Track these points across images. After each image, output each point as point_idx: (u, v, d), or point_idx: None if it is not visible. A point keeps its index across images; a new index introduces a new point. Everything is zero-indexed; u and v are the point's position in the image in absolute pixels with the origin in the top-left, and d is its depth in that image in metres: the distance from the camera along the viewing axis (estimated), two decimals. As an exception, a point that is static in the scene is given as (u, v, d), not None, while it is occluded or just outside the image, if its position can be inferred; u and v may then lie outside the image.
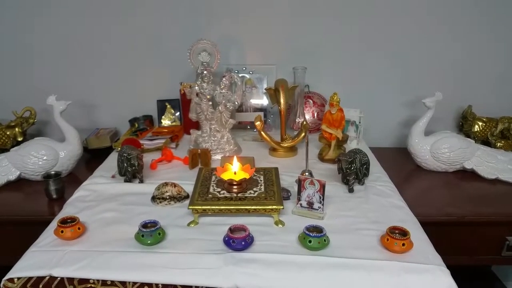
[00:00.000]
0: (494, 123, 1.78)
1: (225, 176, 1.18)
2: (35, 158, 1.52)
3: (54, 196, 1.43)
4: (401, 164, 1.73)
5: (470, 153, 1.61)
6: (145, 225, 1.04)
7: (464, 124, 1.85)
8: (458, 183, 1.58)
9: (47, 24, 1.81)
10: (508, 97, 1.87)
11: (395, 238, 1.00)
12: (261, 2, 1.77)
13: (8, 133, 1.71)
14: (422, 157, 1.64)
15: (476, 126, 1.79)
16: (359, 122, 1.71)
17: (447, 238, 1.38)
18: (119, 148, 1.61)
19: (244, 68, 1.83)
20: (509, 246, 1.39)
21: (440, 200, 1.47)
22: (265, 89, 1.73)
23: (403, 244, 0.99)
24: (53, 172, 1.46)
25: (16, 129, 1.72)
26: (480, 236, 1.41)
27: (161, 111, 1.87)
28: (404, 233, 1.01)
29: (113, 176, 1.40)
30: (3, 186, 1.53)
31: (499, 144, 1.76)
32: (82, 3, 1.77)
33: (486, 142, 1.79)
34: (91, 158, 1.77)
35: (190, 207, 1.12)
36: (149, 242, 1.01)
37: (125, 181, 1.36)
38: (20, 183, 1.57)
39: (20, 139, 1.72)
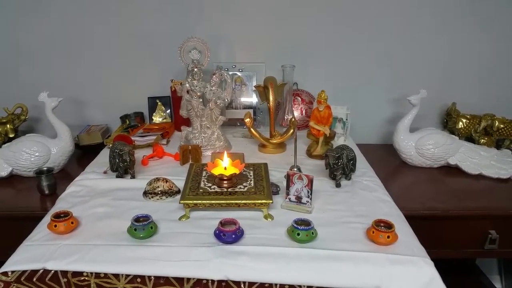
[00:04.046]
0: (478, 120, 1.82)
1: (216, 171, 1.20)
2: (27, 155, 1.53)
3: (46, 192, 1.45)
4: (387, 160, 1.77)
5: (454, 149, 1.65)
6: (137, 219, 1.06)
7: (448, 121, 1.90)
8: (443, 179, 1.63)
9: (38, 21, 1.81)
10: (491, 94, 1.92)
11: (381, 230, 1.03)
12: (251, 1, 1.79)
13: (-1, 129, 1.72)
14: (407, 153, 1.68)
15: (460, 123, 1.83)
16: (346, 119, 1.74)
17: (432, 231, 1.41)
18: (110, 145, 1.62)
19: (233, 66, 1.85)
20: (491, 239, 1.44)
21: (424, 194, 1.51)
22: (254, 86, 1.76)
23: (388, 237, 1.02)
24: (45, 168, 1.47)
25: (8, 125, 1.73)
26: (463, 230, 1.45)
27: (152, 108, 1.88)
28: (389, 226, 1.05)
29: (105, 172, 1.42)
30: (-5, 182, 1.54)
31: (482, 140, 1.80)
32: (73, 1, 1.78)
33: (469, 139, 1.83)
34: (82, 154, 1.78)
35: (182, 201, 1.15)
36: (141, 235, 1.03)
37: (117, 176, 1.38)
38: (12, 179, 1.59)
39: (11, 135, 1.73)
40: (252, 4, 1.80)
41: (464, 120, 1.83)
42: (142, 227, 1.04)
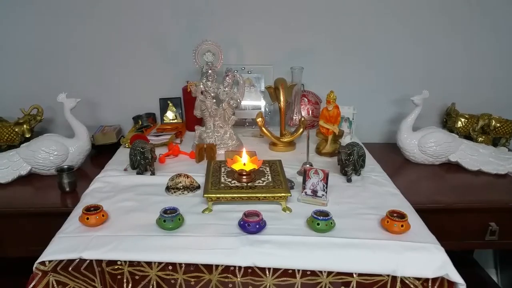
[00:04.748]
0: (476, 119, 1.91)
1: (236, 167, 1.27)
2: (46, 154, 1.58)
3: (67, 189, 1.49)
4: (391, 158, 1.84)
5: (455, 147, 1.73)
6: (165, 212, 1.12)
7: (448, 121, 1.98)
8: (444, 175, 1.71)
9: (50, 24, 1.86)
10: (487, 95, 2.00)
11: (394, 220, 1.10)
12: (259, 6, 1.87)
13: (16, 130, 1.76)
14: (411, 150, 1.75)
15: (459, 122, 1.92)
16: (353, 119, 1.81)
17: (436, 224, 1.45)
18: (126, 144, 1.68)
19: (243, 68, 1.91)
20: (492, 231, 1.51)
21: (428, 190, 1.58)
22: (265, 87, 1.83)
23: (402, 226, 1.09)
24: (65, 166, 1.52)
25: (24, 126, 1.77)
26: (465, 223, 1.52)
27: (163, 109, 1.94)
28: (402, 216, 1.12)
29: (125, 169, 1.47)
30: (15, 180, 1.58)
31: (480, 139, 1.89)
32: (86, 3, 1.83)
33: (468, 137, 1.90)
34: (97, 153, 1.83)
35: (205, 195, 1.21)
36: (170, 226, 1.09)
37: (138, 173, 1.43)
38: (30, 178, 1.63)
39: (28, 135, 1.77)
40: (261, 8, 1.87)
41: (463, 120, 1.91)
42: (171, 218, 1.10)
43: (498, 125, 1.87)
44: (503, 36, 1.94)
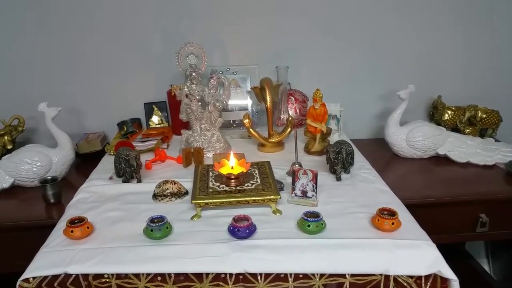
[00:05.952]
0: (462, 111, 1.91)
1: (224, 171, 1.24)
2: (29, 165, 1.54)
3: (52, 201, 1.45)
4: (379, 154, 1.83)
5: (442, 140, 1.73)
6: (152, 220, 1.09)
7: (434, 114, 1.98)
8: (433, 168, 1.70)
9: (32, 32, 1.81)
10: (473, 86, 2.01)
11: (385, 218, 1.09)
12: (242, 5, 1.84)
13: (-3, 142, 1.72)
14: (399, 145, 1.75)
15: (446, 115, 1.92)
16: (340, 116, 1.80)
17: (427, 218, 1.45)
18: (111, 152, 1.65)
19: (228, 69, 1.89)
20: (482, 222, 1.52)
21: (417, 184, 1.58)
22: (251, 88, 1.80)
23: (393, 223, 1.08)
24: (49, 177, 1.48)
25: (6, 137, 1.72)
26: (456, 215, 1.52)
27: (149, 114, 1.91)
28: (392, 213, 1.11)
29: (110, 178, 1.44)
30: (-3, 194, 1.55)
31: (467, 130, 1.90)
32: (65, 9, 1.79)
33: (455, 129, 1.92)
34: (81, 162, 1.79)
35: (193, 201, 1.18)
36: (158, 236, 1.07)
37: (123, 181, 1.40)
38: (14, 190, 1.58)
39: (9, 147, 1.73)
40: (243, 8, 1.84)
41: (449, 112, 1.92)
42: (158, 227, 1.07)
43: (485, 116, 1.88)
44: (484, 29, 1.94)
